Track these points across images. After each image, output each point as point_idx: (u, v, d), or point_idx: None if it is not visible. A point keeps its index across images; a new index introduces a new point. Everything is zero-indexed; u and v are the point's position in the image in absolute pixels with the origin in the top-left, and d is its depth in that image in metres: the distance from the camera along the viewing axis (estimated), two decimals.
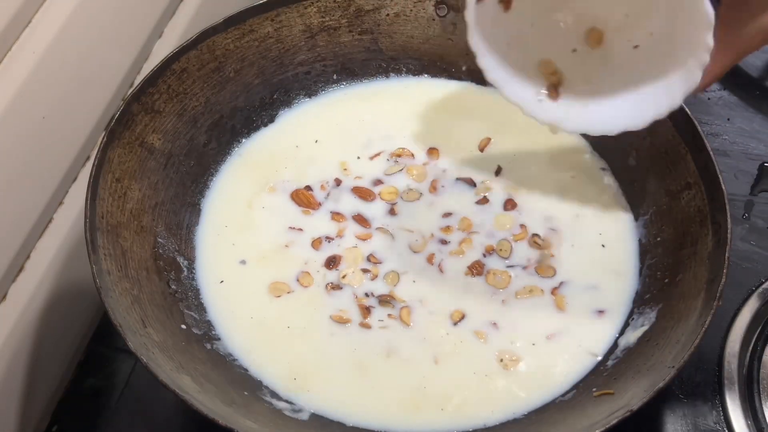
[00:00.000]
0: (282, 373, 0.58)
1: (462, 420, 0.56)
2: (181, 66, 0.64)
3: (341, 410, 0.57)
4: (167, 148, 0.64)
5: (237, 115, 0.69)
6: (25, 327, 0.61)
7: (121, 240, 0.58)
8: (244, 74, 0.69)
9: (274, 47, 0.69)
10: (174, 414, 0.63)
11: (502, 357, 0.58)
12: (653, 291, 0.60)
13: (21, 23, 0.57)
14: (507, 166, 0.68)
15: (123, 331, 0.51)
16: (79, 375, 0.66)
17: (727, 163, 0.74)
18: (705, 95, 0.80)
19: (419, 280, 0.62)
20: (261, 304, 0.61)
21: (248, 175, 0.68)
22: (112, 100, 0.67)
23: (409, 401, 0.57)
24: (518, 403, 0.56)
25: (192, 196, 0.66)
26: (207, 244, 0.65)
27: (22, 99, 0.56)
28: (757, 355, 0.62)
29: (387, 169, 0.68)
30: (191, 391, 0.51)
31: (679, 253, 0.59)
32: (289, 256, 0.64)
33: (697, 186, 0.60)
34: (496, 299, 0.61)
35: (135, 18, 0.69)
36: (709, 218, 0.58)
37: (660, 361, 0.53)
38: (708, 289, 0.54)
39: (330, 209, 0.66)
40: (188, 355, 0.56)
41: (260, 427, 0.52)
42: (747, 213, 0.72)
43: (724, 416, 0.60)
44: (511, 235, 0.64)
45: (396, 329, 0.60)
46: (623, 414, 0.48)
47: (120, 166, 0.60)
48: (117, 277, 0.56)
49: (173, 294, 0.60)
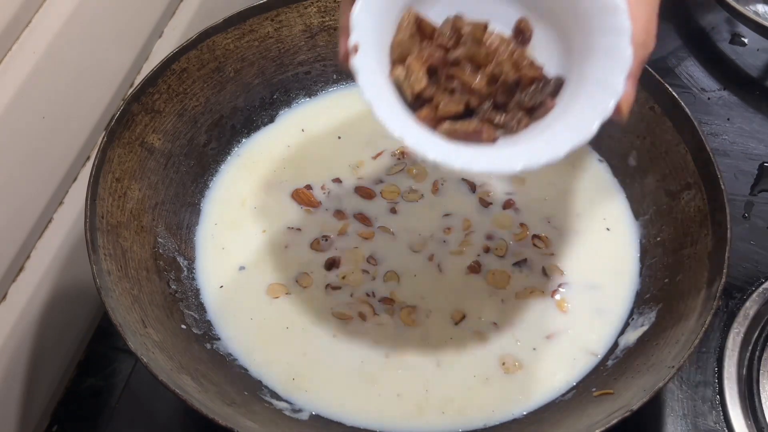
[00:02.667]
0: (281, 373, 0.58)
1: (462, 421, 0.56)
2: (181, 66, 0.64)
3: (341, 410, 0.57)
4: (167, 148, 0.64)
5: (237, 115, 0.69)
6: (25, 327, 0.61)
7: (121, 240, 0.58)
8: (244, 74, 0.69)
9: (274, 47, 0.69)
10: (174, 414, 0.63)
11: (503, 358, 0.58)
12: (653, 291, 0.60)
13: (21, 23, 0.57)
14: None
15: (123, 331, 0.51)
16: (79, 375, 0.66)
17: (727, 163, 0.74)
18: (705, 95, 0.80)
19: (419, 281, 0.62)
20: (260, 304, 0.61)
21: (248, 175, 0.68)
22: (112, 100, 0.67)
23: (410, 403, 0.57)
24: (518, 404, 0.57)
25: (192, 196, 0.66)
26: (207, 244, 0.65)
27: (22, 99, 0.56)
28: (757, 355, 0.62)
29: (388, 168, 0.68)
30: (191, 391, 0.51)
31: (679, 253, 0.59)
32: (288, 256, 0.64)
33: (697, 186, 0.60)
34: (496, 299, 0.61)
35: (135, 18, 0.69)
36: (709, 218, 0.58)
37: (660, 360, 0.53)
38: (708, 289, 0.54)
39: (331, 207, 0.66)
40: (188, 355, 0.56)
41: (260, 427, 0.52)
42: (747, 213, 0.72)
43: (724, 416, 0.60)
44: (511, 236, 0.64)
45: (396, 329, 0.60)
46: (623, 414, 0.48)
47: (120, 166, 0.60)
48: (117, 277, 0.56)
49: (173, 294, 0.60)
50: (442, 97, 0.45)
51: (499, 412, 0.56)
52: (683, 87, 0.81)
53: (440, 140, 0.45)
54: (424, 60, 0.46)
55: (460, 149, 0.44)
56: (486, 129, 0.45)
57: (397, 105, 0.45)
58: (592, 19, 0.44)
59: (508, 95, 0.46)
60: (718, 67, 0.83)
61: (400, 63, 0.46)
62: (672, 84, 0.63)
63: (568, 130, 0.44)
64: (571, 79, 0.47)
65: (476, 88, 0.46)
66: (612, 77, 0.43)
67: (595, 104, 0.43)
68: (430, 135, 0.45)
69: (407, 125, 0.44)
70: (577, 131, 0.43)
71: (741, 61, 0.84)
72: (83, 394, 0.65)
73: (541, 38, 0.48)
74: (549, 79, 0.47)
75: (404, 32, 0.46)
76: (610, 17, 0.43)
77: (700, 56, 0.84)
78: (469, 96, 0.46)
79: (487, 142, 0.45)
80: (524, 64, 0.47)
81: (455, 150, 0.44)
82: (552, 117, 0.46)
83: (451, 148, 0.44)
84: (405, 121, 0.44)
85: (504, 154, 0.44)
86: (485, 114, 0.46)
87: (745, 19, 0.79)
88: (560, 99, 0.46)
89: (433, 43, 0.47)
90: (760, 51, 0.84)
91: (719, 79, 0.82)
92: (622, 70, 0.43)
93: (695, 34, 0.86)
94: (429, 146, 0.43)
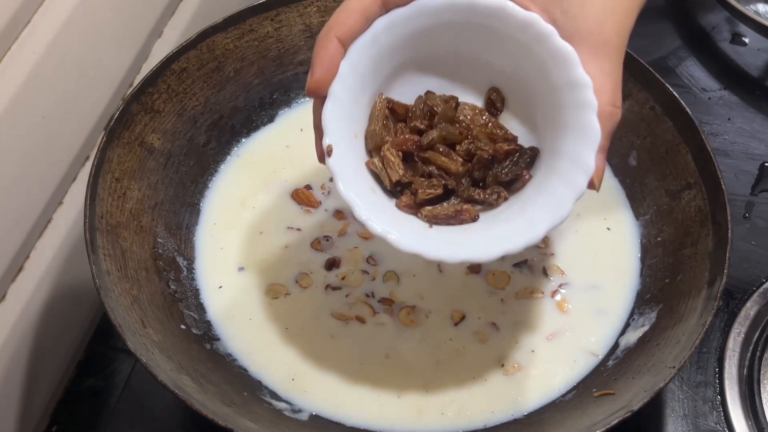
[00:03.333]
0: (281, 374, 0.58)
1: (462, 422, 0.56)
2: (181, 66, 0.64)
3: (340, 411, 0.57)
4: (167, 147, 0.64)
5: (237, 115, 0.69)
6: (24, 327, 0.61)
7: (121, 240, 0.58)
8: (243, 74, 0.69)
9: (274, 47, 0.69)
10: (174, 414, 0.63)
11: (503, 358, 0.58)
12: (654, 291, 0.60)
13: (21, 23, 0.57)
14: None
15: (123, 331, 0.51)
16: (79, 375, 0.66)
17: (727, 163, 0.74)
18: (705, 95, 0.80)
19: (419, 281, 0.62)
20: (260, 304, 0.61)
21: (248, 175, 0.68)
22: (112, 100, 0.67)
23: (410, 403, 0.57)
24: (518, 404, 0.56)
25: (192, 196, 0.66)
26: (206, 244, 0.64)
27: (21, 99, 0.56)
28: (757, 355, 0.62)
29: None
30: (191, 391, 0.51)
31: (679, 253, 0.59)
32: (288, 256, 0.63)
33: (698, 186, 0.59)
34: (496, 299, 0.61)
35: (134, 18, 0.69)
36: (709, 218, 0.58)
37: (660, 361, 0.53)
38: (709, 289, 0.54)
39: (331, 207, 0.66)
40: (188, 355, 0.56)
41: (260, 428, 0.52)
42: (747, 213, 0.72)
43: (724, 416, 0.60)
44: None
45: (395, 330, 0.60)
46: (624, 414, 0.48)
47: (119, 166, 0.60)
48: (117, 277, 0.56)
49: (173, 294, 0.60)
50: (420, 183, 0.47)
51: (499, 412, 0.56)
52: (684, 87, 0.81)
53: (422, 231, 0.46)
54: (398, 147, 0.47)
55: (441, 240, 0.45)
56: (466, 209, 0.46)
57: (376, 198, 0.46)
58: (561, 93, 0.44)
59: (484, 170, 0.47)
60: (719, 67, 0.83)
61: (377, 152, 0.47)
62: (672, 84, 0.63)
63: (544, 209, 0.44)
64: (544, 149, 0.47)
65: (453, 170, 0.47)
66: (583, 154, 0.44)
67: (569, 182, 0.44)
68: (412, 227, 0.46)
69: (387, 221, 0.45)
70: (554, 210, 0.44)
71: (741, 60, 0.84)
72: (83, 394, 0.65)
73: (512, 108, 0.49)
74: (524, 149, 0.48)
75: (377, 121, 0.47)
76: (577, 93, 0.44)
77: (701, 56, 0.84)
78: (447, 178, 0.47)
79: (468, 222, 0.46)
80: (499, 135, 0.48)
81: (435, 242, 0.45)
82: (530, 190, 0.47)
83: (431, 240, 0.45)
84: (385, 217, 0.45)
85: (485, 238, 0.45)
86: (464, 192, 0.47)
87: (746, 18, 0.79)
88: (536, 171, 0.47)
89: (407, 126, 0.48)
90: (761, 51, 0.84)
91: (720, 78, 0.82)
92: (591, 147, 0.43)
93: (695, 33, 0.86)
94: (409, 242, 0.44)
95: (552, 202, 0.44)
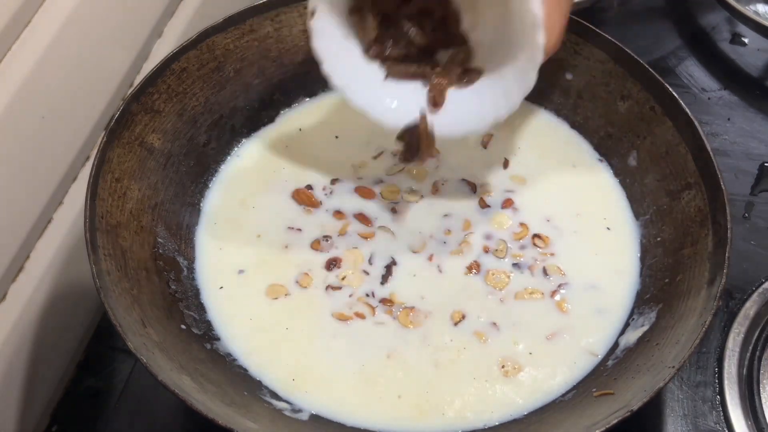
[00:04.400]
0: (281, 374, 0.58)
1: (462, 422, 0.56)
2: (181, 66, 0.64)
3: (341, 411, 0.56)
4: (167, 147, 0.64)
5: (237, 115, 0.69)
6: (24, 327, 0.61)
7: (121, 240, 0.58)
8: (244, 74, 0.69)
9: (274, 47, 0.69)
10: (174, 414, 0.63)
11: (503, 358, 0.58)
12: (653, 291, 0.60)
13: (21, 23, 0.57)
14: (510, 162, 0.68)
15: (123, 331, 0.51)
16: (79, 375, 0.66)
17: (727, 163, 0.75)
18: (705, 95, 0.80)
19: (419, 281, 0.62)
20: (260, 304, 0.61)
21: (248, 175, 0.68)
22: (112, 100, 0.67)
23: (410, 404, 0.57)
24: (518, 404, 0.56)
25: (192, 196, 0.66)
26: (207, 245, 0.64)
27: (21, 99, 0.56)
28: (757, 355, 0.62)
29: (388, 168, 0.68)
30: (191, 391, 0.51)
31: (679, 253, 0.59)
32: (288, 256, 0.63)
33: (698, 186, 0.60)
34: (496, 299, 0.61)
35: (135, 18, 0.69)
36: (709, 218, 0.58)
37: (660, 361, 0.53)
38: (708, 289, 0.54)
39: (331, 207, 0.66)
40: (188, 355, 0.56)
41: (260, 427, 0.52)
42: (747, 213, 0.72)
43: (724, 416, 0.60)
44: (510, 235, 0.64)
45: (396, 330, 0.60)
46: (623, 414, 0.48)
47: (120, 166, 0.60)
48: (117, 277, 0.56)
49: (173, 294, 0.60)
50: (393, 36, 0.54)
51: (499, 412, 0.56)
52: (683, 87, 0.81)
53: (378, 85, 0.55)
54: (379, 8, 0.53)
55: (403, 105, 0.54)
56: (437, 82, 0.53)
57: (348, 55, 0.53)
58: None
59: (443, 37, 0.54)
60: (719, 67, 0.83)
61: (357, 11, 0.53)
62: (672, 84, 0.63)
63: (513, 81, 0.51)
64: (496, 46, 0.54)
65: (418, 40, 0.53)
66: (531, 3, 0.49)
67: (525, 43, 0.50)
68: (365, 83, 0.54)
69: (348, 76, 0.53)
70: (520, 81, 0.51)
71: (741, 60, 0.84)
72: (83, 395, 0.65)
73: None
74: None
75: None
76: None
77: (701, 56, 0.84)
78: (419, 37, 0.53)
79: (436, 106, 0.54)
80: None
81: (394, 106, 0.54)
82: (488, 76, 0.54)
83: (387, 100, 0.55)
84: (348, 72, 0.53)
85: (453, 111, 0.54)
86: (442, 73, 0.54)
87: (746, 18, 0.79)
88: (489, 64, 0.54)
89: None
90: (761, 51, 0.84)
91: (720, 79, 0.82)
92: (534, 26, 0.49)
93: (695, 34, 0.86)
94: (354, 92, 0.53)
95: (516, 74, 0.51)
